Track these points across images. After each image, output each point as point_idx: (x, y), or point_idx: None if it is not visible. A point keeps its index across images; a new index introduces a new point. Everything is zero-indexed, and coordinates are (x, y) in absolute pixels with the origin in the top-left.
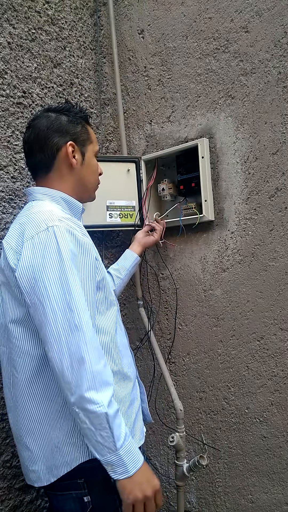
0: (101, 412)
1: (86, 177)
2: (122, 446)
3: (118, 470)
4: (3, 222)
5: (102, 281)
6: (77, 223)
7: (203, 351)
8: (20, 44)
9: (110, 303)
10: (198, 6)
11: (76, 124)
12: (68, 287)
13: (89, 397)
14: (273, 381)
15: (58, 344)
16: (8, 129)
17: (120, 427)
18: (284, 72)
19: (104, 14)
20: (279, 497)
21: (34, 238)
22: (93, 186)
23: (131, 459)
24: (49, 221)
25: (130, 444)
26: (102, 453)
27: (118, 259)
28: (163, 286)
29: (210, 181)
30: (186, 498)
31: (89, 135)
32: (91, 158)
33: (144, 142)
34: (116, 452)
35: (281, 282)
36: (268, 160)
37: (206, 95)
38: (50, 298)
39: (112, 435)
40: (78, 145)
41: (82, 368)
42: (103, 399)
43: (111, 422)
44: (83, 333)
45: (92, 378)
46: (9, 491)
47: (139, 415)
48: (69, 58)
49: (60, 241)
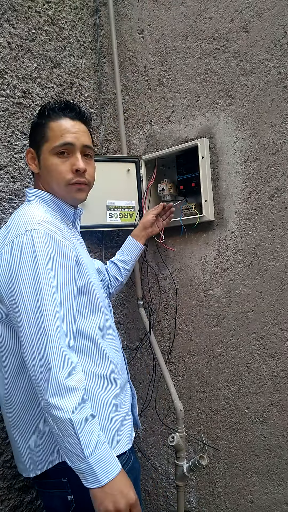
0: (65, 418)
1: (47, 180)
2: (92, 454)
3: (88, 478)
4: (3, 222)
5: (86, 285)
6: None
7: (203, 351)
8: (20, 44)
9: (96, 307)
10: (198, 6)
11: (37, 127)
12: (40, 292)
13: (53, 403)
14: (273, 381)
15: (31, 348)
16: (8, 129)
17: (90, 435)
18: (284, 72)
19: (104, 14)
20: (279, 497)
21: (13, 242)
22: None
23: (103, 469)
24: (28, 224)
25: (103, 453)
26: (72, 460)
27: (122, 246)
28: (163, 286)
29: (210, 181)
30: (186, 498)
31: (45, 133)
32: (46, 158)
33: (144, 142)
34: (85, 460)
35: (281, 282)
36: (268, 160)
37: (206, 95)
38: (24, 301)
39: (79, 442)
40: (34, 148)
41: (48, 373)
42: (68, 405)
43: (77, 429)
44: (50, 338)
45: (56, 384)
46: (9, 491)
47: (127, 421)
48: (69, 58)
49: (37, 245)
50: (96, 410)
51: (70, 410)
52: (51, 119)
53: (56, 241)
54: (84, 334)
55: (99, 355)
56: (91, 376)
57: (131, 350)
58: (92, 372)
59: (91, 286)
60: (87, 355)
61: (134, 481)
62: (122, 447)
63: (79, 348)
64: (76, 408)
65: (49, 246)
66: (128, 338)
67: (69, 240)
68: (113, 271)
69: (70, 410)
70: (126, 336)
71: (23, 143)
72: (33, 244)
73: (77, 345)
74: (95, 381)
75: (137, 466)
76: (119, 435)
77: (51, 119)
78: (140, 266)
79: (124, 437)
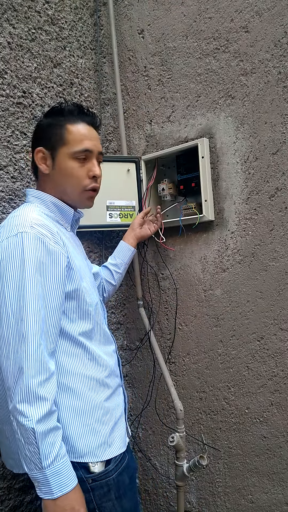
0: (28, 427)
1: (60, 183)
2: (50, 465)
3: (42, 488)
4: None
5: (76, 291)
6: (52, 230)
7: (203, 351)
8: (20, 44)
9: (84, 312)
10: (198, 6)
11: (53, 128)
12: (24, 296)
13: (20, 409)
14: (273, 381)
15: (7, 351)
16: (8, 129)
17: (51, 446)
18: (284, 72)
19: (104, 14)
20: (279, 497)
21: (3, 243)
22: (74, 192)
23: (58, 482)
24: (20, 227)
25: (61, 466)
26: (30, 467)
27: (114, 251)
28: (163, 286)
29: (210, 181)
30: (186, 498)
31: (63, 136)
32: (63, 161)
33: (144, 142)
34: (41, 470)
35: (281, 282)
36: (268, 160)
37: (206, 95)
38: (6, 304)
39: (38, 452)
40: (48, 150)
41: (20, 378)
42: (33, 414)
43: (38, 439)
44: (27, 344)
45: (26, 391)
46: (9, 491)
47: (120, 424)
48: (69, 58)
49: (26, 248)
50: (86, 412)
51: (35, 419)
52: (68, 121)
53: (47, 245)
54: (72, 337)
55: (88, 357)
56: (81, 377)
57: (131, 350)
58: (82, 374)
59: (80, 292)
60: (76, 356)
61: (129, 480)
62: (115, 451)
63: (68, 350)
64: (41, 418)
65: (38, 250)
66: (128, 338)
67: (60, 245)
68: (106, 275)
69: (35, 420)
70: (126, 336)
71: (23, 143)
72: (22, 247)
73: (66, 347)
74: (85, 383)
75: (133, 465)
76: (111, 438)
77: (69, 122)
78: (140, 266)
79: (118, 441)
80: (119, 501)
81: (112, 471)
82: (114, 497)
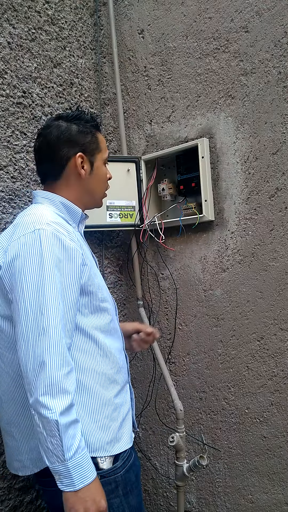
0: (52, 419)
1: (93, 186)
2: (72, 457)
3: (64, 481)
4: (3, 222)
5: (90, 286)
6: (67, 228)
7: (203, 351)
8: (20, 44)
9: (97, 308)
10: (198, 6)
11: (86, 134)
12: (43, 290)
13: (43, 402)
14: (273, 381)
15: (26, 345)
16: (8, 129)
17: (73, 438)
18: (284, 72)
19: (104, 14)
20: (279, 497)
21: (21, 239)
22: (100, 194)
23: (80, 473)
24: (37, 224)
25: (82, 458)
26: (51, 461)
27: None
28: (163, 286)
29: (210, 181)
30: (186, 498)
31: (98, 143)
32: (99, 167)
33: (144, 142)
34: (64, 463)
35: (281, 282)
36: (268, 160)
37: (206, 95)
38: (25, 299)
39: (61, 444)
40: (87, 156)
41: (42, 372)
42: (56, 406)
43: (61, 431)
44: (49, 337)
45: (49, 384)
46: (9, 491)
47: (128, 420)
48: (69, 58)
49: (44, 244)
50: (97, 408)
51: (58, 411)
52: (96, 130)
53: (63, 242)
54: (86, 332)
55: (99, 353)
56: (92, 373)
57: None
58: (93, 370)
59: (93, 288)
60: (88, 352)
61: (135, 478)
62: (124, 446)
63: (80, 346)
64: (64, 410)
65: (56, 246)
66: None
67: (76, 242)
68: None
69: (58, 412)
70: None
71: (23, 143)
72: (41, 243)
73: (78, 342)
74: (96, 379)
75: (138, 464)
76: (119, 433)
77: (97, 130)
78: (140, 266)
79: (126, 436)
80: (126, 498)
81: (119, 468)
82: (122, 494)
